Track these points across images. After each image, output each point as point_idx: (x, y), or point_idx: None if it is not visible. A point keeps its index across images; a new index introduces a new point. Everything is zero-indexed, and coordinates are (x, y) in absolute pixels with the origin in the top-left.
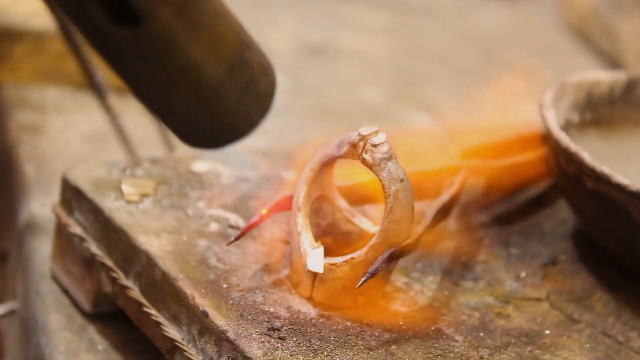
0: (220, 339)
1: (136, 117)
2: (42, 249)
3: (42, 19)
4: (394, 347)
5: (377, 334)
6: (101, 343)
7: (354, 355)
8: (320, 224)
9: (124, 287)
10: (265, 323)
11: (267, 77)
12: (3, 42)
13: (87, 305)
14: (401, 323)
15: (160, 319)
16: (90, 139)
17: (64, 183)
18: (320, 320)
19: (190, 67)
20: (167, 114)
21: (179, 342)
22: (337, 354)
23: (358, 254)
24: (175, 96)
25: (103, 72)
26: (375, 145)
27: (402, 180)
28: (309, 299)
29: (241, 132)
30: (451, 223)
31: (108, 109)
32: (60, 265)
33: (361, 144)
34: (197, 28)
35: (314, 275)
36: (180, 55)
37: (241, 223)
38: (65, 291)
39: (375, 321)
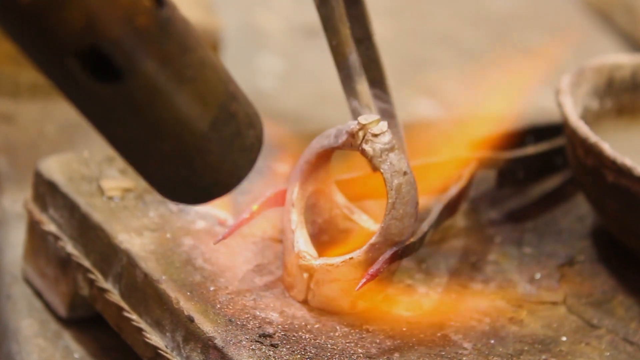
0: (207, 346)
1: None
2: (14, 249)
3: None
4: (396, 355)
5: (378, 341)
6: (78, 351)
7: None
8: (316, 221)
9: (103, 290)
10: (256, 329)
11: (254, 129)
12: None
13: (62, 310)
14: (404, 329)
15: (142, 324)
16: (67, 129)
17: (37, 176)
18: (316, 325)
19: (173, 122)
20: (146, 169)
21: (162, 350)
22: None
23: (357, 254)
24: (156, 151)
25: None
26: (376, 135)
27: (405, 173)
28: (304, 302)
29: (225, 187)
30: (459, 220)
31: None
32: (33, 266)
33: (361, 133)
34: (181, 82)
35: (310, 276)
36: (162, 110)
37: (230, 220)
38: (38, 294)
39: (376, 327)
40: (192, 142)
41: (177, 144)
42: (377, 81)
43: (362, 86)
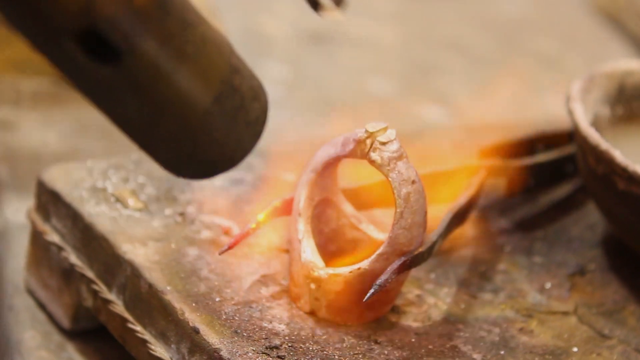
0: (212, 358)
1: None
2: (16, 259)
3: None
4: None
5: (386, 352)
6: None
7: None
8: (324, 231)
9: (107, 301)
10: (263, 340)
11: (258, 102)
12: None
13: (65, 321)
14: (413, 340)
15: (147, 336)
16: (70, 137)
17: (40, 186)
18: (324, 337)
19: (175, 99)
20: (150, 146)
21: None
22: None
23: (365, 264)
24: (159, 129)
25: None
26: (384, 143)
27: (413, 182)
28: (311, 313)
29: (231, 162)
30: (468, 229)
31: None
32: (36, 277)
33: (368, 141)
34: (183, 58)
35: (317, 287)
36: (164, 88)
37: (236, 230)
38: (41, 306)
39: (384, 338)
40: (195, 118)
41: (180, 121)
42: None
43: None
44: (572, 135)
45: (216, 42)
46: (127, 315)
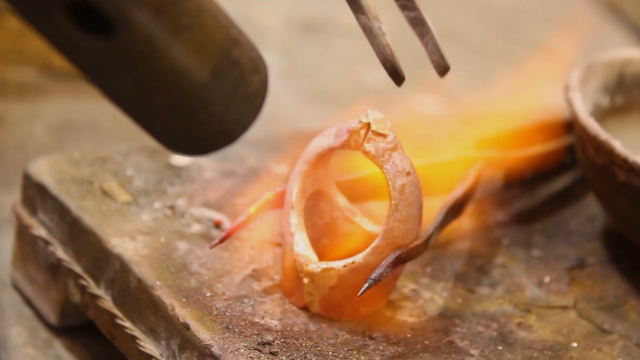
0: (203, 354)
1: (110, 105)
2: (2, 254)
3: None
4: None
5: (381, 348)
6: None
7: None
8: (317, 224)
9: (95, 297)
10: (255, 336)
11: (258, 75)
12: None
13: (52, 318)
14: (409, 335)
15: (136, 332)
16: (57, 129)
17: (26, 179)
18: (317, 332)
19: (171, 74)
20: (147, 122)
21: (156, 359)
22: None
23: (359, 258)
24: (156, 104)
25: None
26: (378, 134)
27: (408, 174)
28: (304, 308)
29: (230, 137)
30: (465, 222)
31: None
32: (22, 272)
33: (362, 132)
34: (178, 30)
35: (310, 282)
36: (159, 62)
37: (227, 223)
38: (28, 301)
39: (379, 333)
40: (192, 92)
41: (177, 95)
42: None
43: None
44: (570, 126)
45: (213, 13)
46: (115, 311)
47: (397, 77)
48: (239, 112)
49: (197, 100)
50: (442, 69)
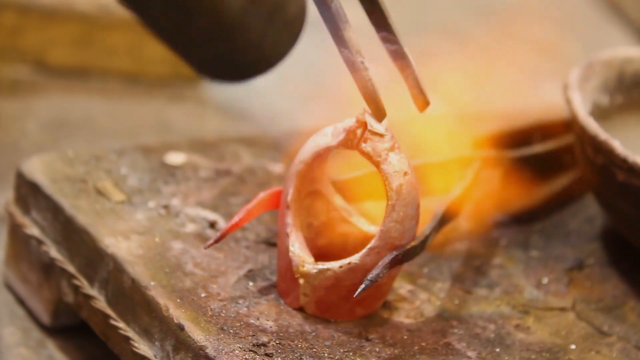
0: (198, 355)
1: (105, 102)
2: None
3: None
4: None
5: (377, 349)
6: None
7: None
8: (313, 224)
9: (88, 297)
10: (250, 337)
11: (296, 2)
12: None
13: (45, 318)
14: (405, 337)
15: (130, 333)
16: (50, 127)
17: (19, 177)
18: (313, 334)
19: None
20: (184, 46)
21: (150, 359)
22: None
23: (356, 259)
24: (193, 27)
25: None
26: (375, 134)
27: (406, 174)
28: (300, 309)
29: (267, 63)
30: (463, 222)
31: None
32: (15, 271)
33: (359, 131)
34: None
35: (306, 282)
36: None
37: (222, 223)
38: (20, 301)
39: (375, 335)
40: (229, 17)
41: (213, 19)
42: (382, 24)
43: (350, 33)
44: (570, 125)
45: None
46: (109, 311)
47: (378, 112)
48: (276, 40)
49: (234, 25)
50: (422, 103)
